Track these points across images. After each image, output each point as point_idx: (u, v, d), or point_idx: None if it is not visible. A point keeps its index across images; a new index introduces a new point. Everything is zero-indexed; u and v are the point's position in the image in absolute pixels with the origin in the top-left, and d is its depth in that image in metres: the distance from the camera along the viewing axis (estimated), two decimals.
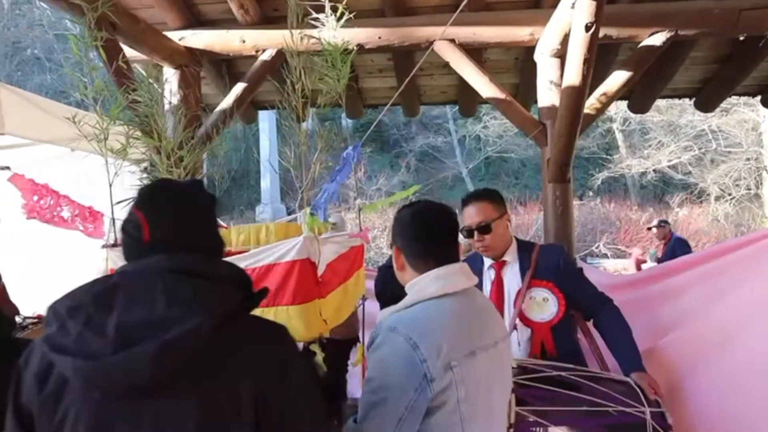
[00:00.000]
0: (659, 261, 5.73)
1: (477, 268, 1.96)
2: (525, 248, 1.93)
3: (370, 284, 3.47)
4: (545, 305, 1.81)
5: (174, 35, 3.35)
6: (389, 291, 3.49)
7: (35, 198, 3.17)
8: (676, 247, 5.70)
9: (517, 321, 1.86)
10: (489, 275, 1.97)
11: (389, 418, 1.03)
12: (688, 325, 2.08)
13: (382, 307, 3.75)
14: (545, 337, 1.80)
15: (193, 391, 0.83)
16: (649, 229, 6.59)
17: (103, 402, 0.81)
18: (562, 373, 1.61)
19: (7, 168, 3.51)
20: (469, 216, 1.88)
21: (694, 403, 1.85)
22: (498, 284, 1.92)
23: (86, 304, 0.83)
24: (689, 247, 6.01)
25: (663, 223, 6.31)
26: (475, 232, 1.86)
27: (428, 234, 1.22)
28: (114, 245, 1.89)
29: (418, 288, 1.18)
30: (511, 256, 1.92)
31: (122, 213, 2.00)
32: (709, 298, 2.08)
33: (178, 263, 0.87)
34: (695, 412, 1.84)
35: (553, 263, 1.86)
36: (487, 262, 1.98)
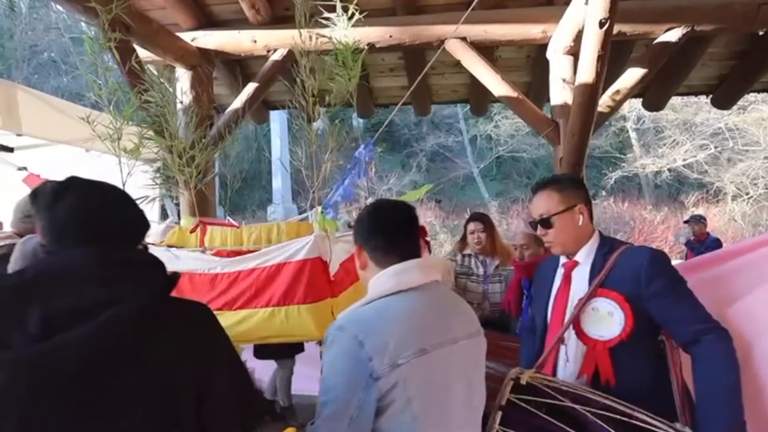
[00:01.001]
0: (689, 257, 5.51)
1: (552, 265, 1.72)
2: (605, 248, 1.56)
3: None
4: (608, 320, 1.46)
5: (186, 36, 3.37)
6: None
7: None
8: (711, 248, 5.28)
9: (568, 333, 1.54)
10: (559, 275, 1.69)
11: (341, 417, 1.03)
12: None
13: None
14: (601, 359, 1.46)
15: (138, 369, 0.86)
16: (686, 222, 6.36)
17: (34, 393, 0.78)
18: (577, 407, 1.30)
19: (25, 168, 3.57)
20: (533, 207, 1.66)
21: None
22: (564, 287, 1.61)
23: (1, 301, 0.83)
24: None
25: (701, 219, 6.00)
26: (538, 226, 1.64)
27: (385, 229, 1.23)
28: None
29: (375, 286, 1.18)
30: (584, 256, 1.59)
31: None
32: (734, 294, 2.02)
33: (101, 254, 0.90)
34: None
35: (632, 271, 1.45)
36: (562, 259, 1.68)
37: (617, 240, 1.64)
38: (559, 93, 3.21)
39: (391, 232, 1.22)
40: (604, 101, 3.12)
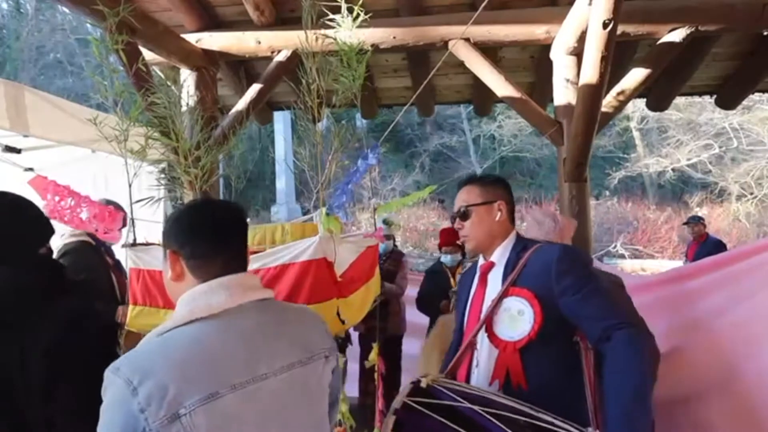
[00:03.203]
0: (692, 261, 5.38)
1: (474, 271, 1.65)
2: (520, 248, 1.50)
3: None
4: (519, 320, 1.37)
5: (191, 37, 3.39)
6: (428, 294, 3.49)
7: (56, 198, 3.24)
8: (712, 250, 5.01)
9: (480, 337, 1.46)
10: (476, 278, 1.62)
11: None
12: (709, 329, 2.02)
13: (420, 309, 3.40)
14: (511, 361, 1.36)
15: None
16: (685, 224, 6.33)
17: None
18: (476, 408, 1.21)
19: (31, 169, 3.60)
20: (455, 202, 1.62)
21: (715, 408, 1.80)
22: (480, 289, 1.54)
23: None
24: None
25: (699, 220, 5.90)
26: (457, 219, 1.59)
27: (208, 231, 1.02)
28: (134, 244, 1.92)
29: (175, 310, 0.99)
30: (499, 256, 1.52)
31: (141, 212, 2.04)
32: (731, 301, 2.02)
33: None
34: (717, 416, 1.79)
35: (543, 267, 1.39)
36: (481, 261, 1.61)
37: (534, 240, 1.57)
38: (563, 93, 3.21)
39: (215, 235, 1.01)
40: (607, 101, 3.12)
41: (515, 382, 1.35)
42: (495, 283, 1.49)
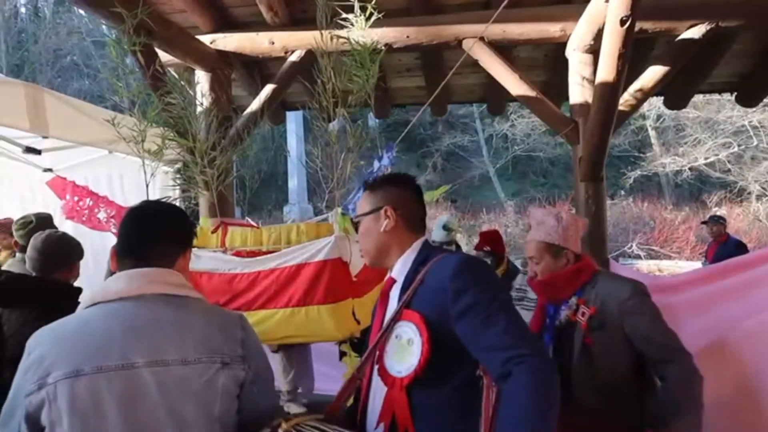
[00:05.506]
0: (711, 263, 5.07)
1: None
2: (420, 261, 1.25)
3: None
4: (407, 351, 1.14)
5: (205, 38, 3.42)
6: None
7: (75, 198, 3.30)
8: (734, 252, 4.78)
9: (375, 371, 1.21)
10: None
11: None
12: (724, 337, 1.97)
13: None
14: (398, 402, 1.13)
15: None
16: (704, 223, 6.18)
17: None
18: None
19: (50, 170, 3.66)
20: None
21: (728, 416, 1.77)
22: (380, 311, 1.31)
23: None
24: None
25: (720, 220, 5.72)
26: None
27: (127, 232, 1.12)
28: None
29: None
30: (398, 271, 1.29)
31: None
32: (748, 310, 1.98)
33: None
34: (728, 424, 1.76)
35: (437, 284, 1.15)
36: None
37: (441, 249, 1.36)
38: (579, 92, 3.17)
39: (130, 234, 1.12)
40: (625, 100, 3.07)
41: (402, 427, 1.12)
42: (393, 303, 1.27)
